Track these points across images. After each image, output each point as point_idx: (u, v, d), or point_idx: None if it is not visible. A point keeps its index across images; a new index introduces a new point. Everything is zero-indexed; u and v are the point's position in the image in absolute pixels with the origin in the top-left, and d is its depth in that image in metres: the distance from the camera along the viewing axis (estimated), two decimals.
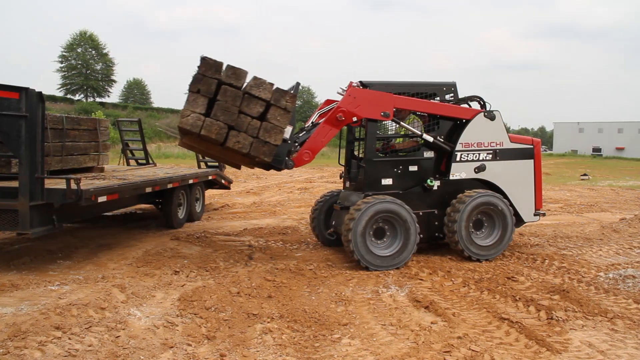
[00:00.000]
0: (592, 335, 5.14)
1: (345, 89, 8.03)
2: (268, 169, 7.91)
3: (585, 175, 31.67)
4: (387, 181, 8.07)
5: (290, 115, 7.18)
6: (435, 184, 8.21)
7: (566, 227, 11.54)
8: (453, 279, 6.98)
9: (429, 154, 8.30)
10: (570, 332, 5.19)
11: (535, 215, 8.66)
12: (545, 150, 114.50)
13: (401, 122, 8.11)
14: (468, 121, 8.31)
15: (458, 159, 8.27)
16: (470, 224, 8.04)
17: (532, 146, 8.73)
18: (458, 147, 8.25)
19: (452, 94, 8.55)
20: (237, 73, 6.84)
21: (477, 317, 5.62)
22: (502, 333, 5.18)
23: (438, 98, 8.49)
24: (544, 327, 5.31)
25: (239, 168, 8.76)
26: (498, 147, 8.45)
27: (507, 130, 8.73)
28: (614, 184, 26.30)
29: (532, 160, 8.67)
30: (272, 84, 7.00)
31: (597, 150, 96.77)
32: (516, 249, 8.88)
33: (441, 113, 8.30)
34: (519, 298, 6.14)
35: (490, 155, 8.42)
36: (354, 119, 7.82)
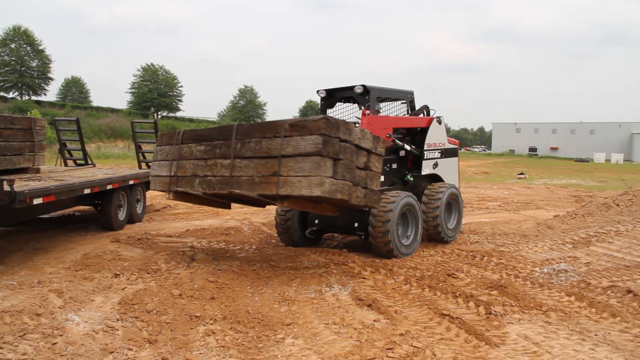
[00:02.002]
0: (528, 328, 5.33)
1: (360, 117, 8.68)
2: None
3: (522, 174, 32.82)
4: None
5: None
6: (411, 178, 9.50)
7: (504, 225, 11.92)
8: (395, 277, 7.10)
9: (402, 152, 9.43)
10: (507, 326, 5.37)
11: None
12: (484, 150, 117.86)
13: (396, 140, 9.02)
14: (428, 127, 9.73)
15: (425, 157, 9.62)
16: (445, 212, 9.46)
17: (457, 146, 10.73)
18: (425, 147, 9.60)
19: (412, 100, 9.86)
20: (349, 128, 6.54)
21: (418, 314, 5.74)
22: (443, 329, 5.31)
23: (404, 101, 9.79)
24: (483, 322, 5.47)
25: (229, 207, 9.11)
26: (443, 147, 10.13)
27: (448, 131, 9.68)
28: (548, 182, 27.34)
29: (457, 157, 10.74)
30: (370, 133, 7.02)
31: (533, 150, 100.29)
32: (456, 247, 9.13)
33: (417, 125, 9.71)
34: (459, 294, 6.30)
35: (440, 154, 10.05)
36: None
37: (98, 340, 4.84)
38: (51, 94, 74.23)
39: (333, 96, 9.34)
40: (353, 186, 6.60)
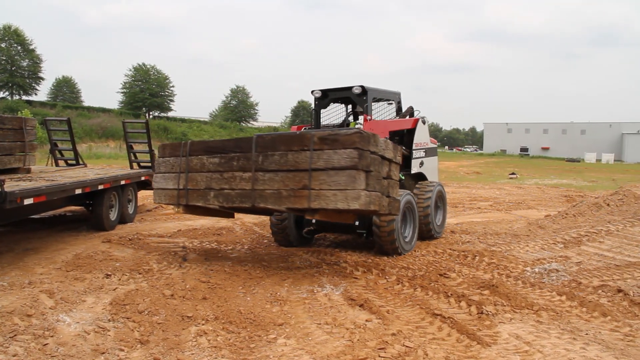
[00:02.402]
0: (520, 327, 5.35)
1: (362, 122, 8.79)
2: None
3: (513, 174, 32.99)
4: None
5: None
6: (402, 177, 9.62)
7: (495, 225, 11.97)
8: (387, 277, 7.11)
9: None
10: (499, 326, 5.39)
11: None
12: (475, 150, 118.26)
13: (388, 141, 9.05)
14: (415, 128, 9.91)
15: (414, 156, 9.82)
16: (434, 209, 9.79)
17: (437, 145, 11.10)
18: (413, 146, 9.80)
19: (399, 101, 10.07)
20: (376, 140, 6.56)
21: (410, 314, 5.75)
22: (434, 328, 5.32)
23: (393, 102, 10.02)
24: (475, 322, 5.48)
25: (233, 217, 9.08)
26: (427, 146, 10.35)
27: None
28: (539, 182, 27.47)
29: (437, 156, 11.04)
30: (391, 142, 7.08)
31: (524, 149, 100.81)
32: (448, 247, 9.15)
33: (409, 127, 9.90)
34: (451, 294, 6.32)
35: (424, 153, 10.24)
36: None
37: (89, 341, 4.82)
38: (42, 93, 73.89)
39: (328, 96, 9.35)
40: (381, 196, 6.63)
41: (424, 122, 10.21)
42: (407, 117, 10.08)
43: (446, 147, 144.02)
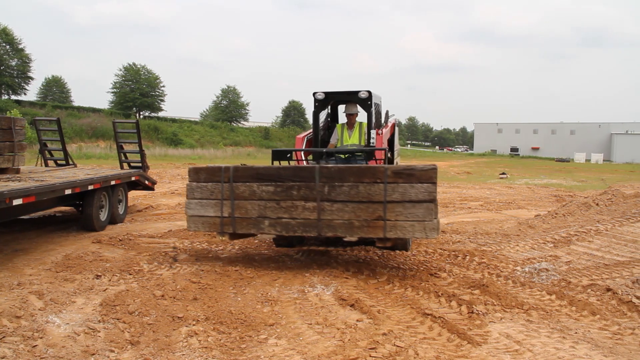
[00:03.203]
0: (510, 326, 5.37)
1: (375, 137, 9.00)
2: None
3: (503, 174, 33.16)
4: None
5: None
6: None
7: (486, 224, 12.01)
8: (378, 277, 7.12)
9: None
10: (489, 325, 5.41)
11: None
12: (466, 150, 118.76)
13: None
14: (394, 132, 10.11)
15: (394, 159, 9.80)
16: None
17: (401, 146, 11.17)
18: (394, 152, 9.91)
19: (379, 105, 10.06)
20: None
21: (401, 314, 5.76)
22: (425, 328, 5.33)
23: (380, 106, 9.90)
24: (465, 321, 5.49)
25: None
26: (398, 148, 10.71)
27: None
28: (530, 182, 27.61)
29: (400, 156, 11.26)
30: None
31: (514, 149, 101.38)
32: (438, 246, 9.17)
33: (392, 131, 10.03)
34: (442, 294, 6.33)
35: (397, 154, 10.42)
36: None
37: (79, 343, 4.80)
38: (31, 93, 73.43)
39: (330, 99, 9.30)
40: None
41: (397, 126, 10.46)
42: (385, 123, 10.09)
43: (437, 147, 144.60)
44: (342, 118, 9.70)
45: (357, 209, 6.87)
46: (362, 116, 9.20)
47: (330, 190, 6.97)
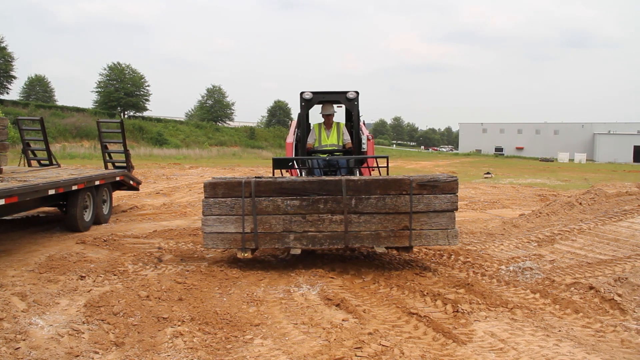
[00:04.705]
0: (495, 325, 5.41)
1: (366, 142, 9.36)
2: None
3: (488, 173, 33.37)
4: None
5: None
6: None
7: (471, 224, 12.07)
8: (363, 277, 7.14)
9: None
10: (474, 324, 5.44)
11: None
12: (451, 150, 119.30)
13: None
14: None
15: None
16: None
17: None
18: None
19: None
20: None
21: (387, 313, 5.78)
22: (411, 327, 5.35)
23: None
24: (450, 320, 5.52)
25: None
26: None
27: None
28: (514, 181, 27.81)
29: None
30: None
31: (499, 149, 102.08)
32: (424, 246, 9.19)
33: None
34: (427, 293, 6.36)
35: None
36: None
37: (63, 344, 4.76)
38: (14, 92, 72.44)
39: (316, 99, 9.29)
40: None
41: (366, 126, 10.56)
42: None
43: (422, 147, 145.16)
44: (317, 118, 9.67)
45: (384, 220, 7.17)
46: (337, 116, 9.30)
47: (357, 203, 7.16)
